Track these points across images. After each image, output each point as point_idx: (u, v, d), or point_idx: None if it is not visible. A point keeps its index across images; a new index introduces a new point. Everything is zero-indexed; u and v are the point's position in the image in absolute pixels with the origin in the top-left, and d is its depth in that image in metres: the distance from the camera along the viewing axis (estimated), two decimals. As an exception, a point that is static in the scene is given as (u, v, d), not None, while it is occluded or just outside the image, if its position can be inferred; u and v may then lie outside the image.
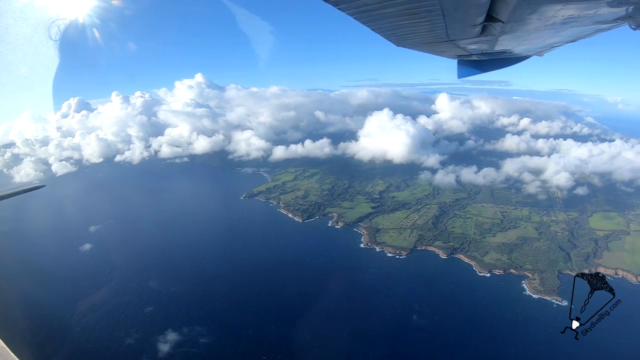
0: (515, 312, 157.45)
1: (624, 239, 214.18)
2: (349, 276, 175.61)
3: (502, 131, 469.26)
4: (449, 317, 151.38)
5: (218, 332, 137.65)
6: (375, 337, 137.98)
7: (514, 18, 12.20)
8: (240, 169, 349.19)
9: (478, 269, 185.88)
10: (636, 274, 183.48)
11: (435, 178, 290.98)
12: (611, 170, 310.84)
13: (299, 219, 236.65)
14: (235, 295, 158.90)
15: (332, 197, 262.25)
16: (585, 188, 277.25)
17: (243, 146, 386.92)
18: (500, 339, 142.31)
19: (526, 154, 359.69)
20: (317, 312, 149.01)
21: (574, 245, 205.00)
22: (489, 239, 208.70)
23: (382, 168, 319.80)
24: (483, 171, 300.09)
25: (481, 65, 22.47)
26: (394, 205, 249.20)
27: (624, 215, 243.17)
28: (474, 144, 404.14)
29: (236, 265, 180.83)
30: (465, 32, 13.49)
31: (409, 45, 15.86)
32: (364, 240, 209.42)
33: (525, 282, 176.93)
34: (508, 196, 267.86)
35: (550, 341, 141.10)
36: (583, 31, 16.21)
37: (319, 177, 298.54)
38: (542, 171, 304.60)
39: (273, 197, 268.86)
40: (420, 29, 12.94)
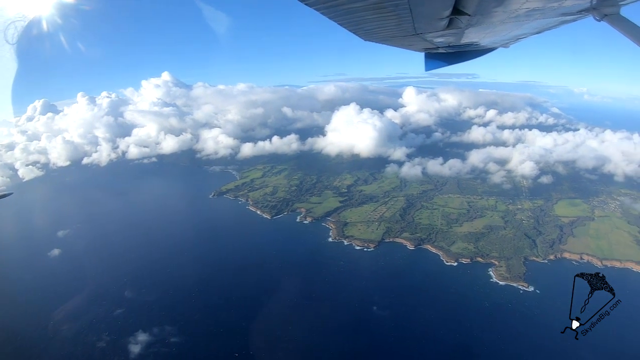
0: (482, 299, 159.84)
1: (588, 225, 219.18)
2: (318, 271, 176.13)
3: (469, 123, 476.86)
4: (417, 307, 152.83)
5: (189, 331, 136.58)
6: (342, 329, 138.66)
7: (480, 11, 12.62)
8: (209, 167, 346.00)
9: (445, 258, 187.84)
10: (601, 258, 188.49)
11: (402, 171, 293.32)
12: (575, 159, 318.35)
13: (268, 216, 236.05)
14: (205, 294, 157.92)
15: (300, 193, 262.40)
16: (549, 176, 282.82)
17: (211, 144, 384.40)
18: (468, 326, 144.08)
19: (492, 144, 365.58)
20: (286, 308, 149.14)
21: (540, 232, 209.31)
22: (455, 229, 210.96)
23: (350, 162, 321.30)
24: (449, 162, 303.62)
25: (448, 58, 22.79)
26: (361, 198, 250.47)
27: (588, 202, 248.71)
28: (441, 136, 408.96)
29: (205, 265, 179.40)
30: (432, 25, 13.85)
31: (376, 39, 16.15)
32: (332, 234, 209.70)
33: (492, 269, 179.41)
34: (474, 186, 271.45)
35: (516, 325, 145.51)
36: (548, 23, 16.94)
37: (287, 173, 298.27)
38: (508, 161, 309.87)
39: (242, 194, 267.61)
40: (387, 23, 13.17)
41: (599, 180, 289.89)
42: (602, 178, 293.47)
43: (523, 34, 19.15)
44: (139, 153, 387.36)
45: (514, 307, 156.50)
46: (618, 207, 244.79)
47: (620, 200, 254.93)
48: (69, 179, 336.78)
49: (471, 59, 23.58)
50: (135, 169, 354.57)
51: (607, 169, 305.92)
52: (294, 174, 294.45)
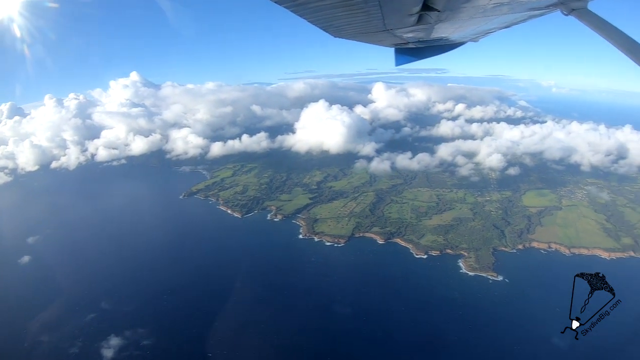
0: (452, 290, 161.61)
1: (556, 214, 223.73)
2: (289, 268, 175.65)
3: (438, 117, 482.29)
4: (387, 301, 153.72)
5: (161, 334, 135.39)
6: (313, 326, 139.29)
7: (449, 7, 12.66)
8: (178, 168, 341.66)
9: (415, 251, 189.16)
10: (569, 246, 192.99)
11: (371, 166, 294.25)
12: (542, 150, 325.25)
13: (238, 215, 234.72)
14: (176, 295, 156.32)
15: (270, 191, 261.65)
16: (517, 168, 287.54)
17: (180, 145, 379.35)
18: (438, 317, 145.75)
19: (460, 138, 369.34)
20: (257, 306, 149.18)
21: (508, 223, 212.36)
22: (425, 222, 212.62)
23: (319, 159, 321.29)
24: (418, 157, 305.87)
25: (417, 53, 22.58)
26: (331, 194, 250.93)
27: (556, 192, 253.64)
28: (410, 131, 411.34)
29: (176, 266, 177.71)
30: (401, 21, 13.84)
31: (346, 35, 16.04)
32: (303, 231, 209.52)
33: (462, 260, 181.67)
34: (443, 179, 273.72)
35: (486, 314, 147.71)
36: (517, 17, 16.98)
37: (257, 172, 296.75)
38: (476, 154, 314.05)
39: (212, 194, 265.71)
40: (357, 19, 13.12)
41: (566, 170, 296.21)
42: (569, 168, 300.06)
43: (492, 28, 19.48)
44: (108, 155, 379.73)
45: (483, 296, 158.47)
46: (585, 196, 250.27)
47: (587, 189, 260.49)
48: (38, 183, 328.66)
49: (441, 53, 23.82)
50: (104, 172, 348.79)
51: (573, 160, 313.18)
52: (264, 172, 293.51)
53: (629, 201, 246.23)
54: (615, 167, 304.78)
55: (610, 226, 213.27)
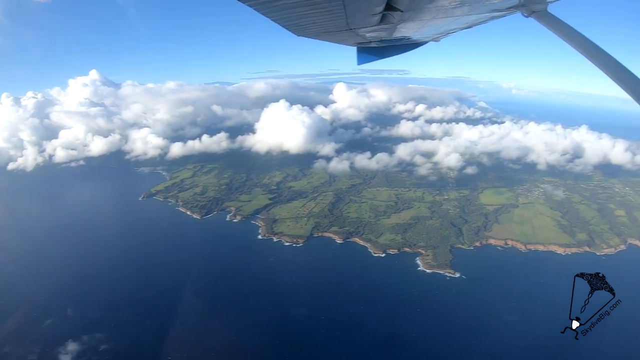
0: (410, 287, 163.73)
1: (513, 212, 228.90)
2: (247, 269, 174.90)
3: (398, 118, 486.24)
4: (345, 299, 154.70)
5: (119, 338, 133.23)
6: (271, 327, 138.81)
7: (412, 7, 12.90)
8: (138, 168, 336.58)
9: (373, 250, 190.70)
10: (525, 242, 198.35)
11: (330, 166, 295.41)
12: (500, 150, 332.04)
13: (198, 216, 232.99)
14: (134, 298, 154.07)
15: (230, 192, 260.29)
16: (474, 167, 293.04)
17: (140, 145, 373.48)
18: (397, 314, 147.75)
19: (420, 138, 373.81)
20: (214, 308, 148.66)
21: (466, 221, 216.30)
22: (383, 221, 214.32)
23: (279, 159, 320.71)
24: (377, 156, 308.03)
25: (379, 52, 22.73)
26: (290, 195, 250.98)
27: (513, 190, 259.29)
28: (370, 131, 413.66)
29: (134, 270, 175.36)
30: (365, 21, 13.91)
31: (309, 34, 16.08)
32: (262, 231, 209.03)
33: (419, 258, 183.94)
34: (402, 179, 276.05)
35: (444, 310, 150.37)
36: (478, 18, 17.23)
37: (217, 172, 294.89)
38: (434, 154, 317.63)
39: (171, 195, 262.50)
40: (320, 18, 13.16)
41: (522, 169, 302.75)
42: (526, 167, 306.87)
43: (453, 28, 19.74)
44: (66, 156, 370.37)
45: (441, 293, 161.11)
46: (541, 194, 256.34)
47: (543, 187, 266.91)
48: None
49: (403, 52, 24.06)
50: (63, 173, 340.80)
51: (530, 159, 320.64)
52: (224, 173, 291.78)
53: (584, 198, 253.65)
54: (571, 166, 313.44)
55: (565, 223, 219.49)
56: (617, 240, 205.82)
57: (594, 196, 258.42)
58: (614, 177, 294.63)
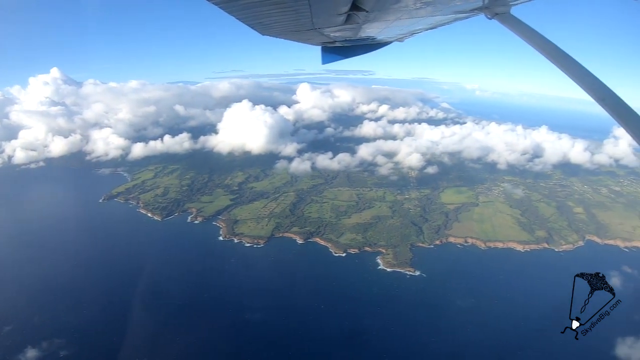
0: (370, 286, 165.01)
1: (473, 210, 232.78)
2: (207, 271, 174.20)
3: (361, 118, 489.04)
4: (305, 299, 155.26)
5: (78, 343, 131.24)
6: (232, 328, 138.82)
7: (377, 7, 12.94)
8: (98, 170, 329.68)
9: (334, 250, 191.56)
10: (485, 240, 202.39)
11: (292, 166, 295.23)
12: (461, 150, 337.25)
13: (158, 218, 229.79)
14: (93, 303, 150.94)
15: (191, 193, 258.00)
16: (435, 167, 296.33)
17: (101, 145, 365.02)
18: (357, 313, 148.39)
19: (382, 138, 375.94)
20: (174, 311, 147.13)
21: (426, 220, 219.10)
22: (344, 221, 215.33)
23: (241, 160, 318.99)
24: (338, 157, 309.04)
25: (344, 52, 22.77)
26: (252, 195, 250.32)
27: (473, 189, 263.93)
28: (333, 132, 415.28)
29: (93, 273, 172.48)
30: (330, 20, 14.06)
31: (274, 33, 16.20)
32: (223, 232, 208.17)
33: (380, 257, 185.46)
34: (363, 179, 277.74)
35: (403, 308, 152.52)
36: (442, 19, 17.54)
37: (179, 173, 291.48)
38: (396, 154, 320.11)
39: (132, 197, 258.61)
40: (286, 17, 13.20)
41: (483, 168, 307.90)
42: (486, 167, 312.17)
43: (418, 29, 19.93)
44: (26, 157, 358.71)
45: (401, 291, 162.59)
46: (501, 193, 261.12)
47: (503, 186, 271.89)
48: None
49: (367, 52, 24.02)
50: (21, 175, 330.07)
51: (490, 158, 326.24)
52: (185, 174, 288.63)
53: (543, 196, 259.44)
54: (531, 165, 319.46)
55: (524, 220, 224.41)
56: (576, 237, 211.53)
57: (553, 194, 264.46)
58: (573, 176, 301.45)
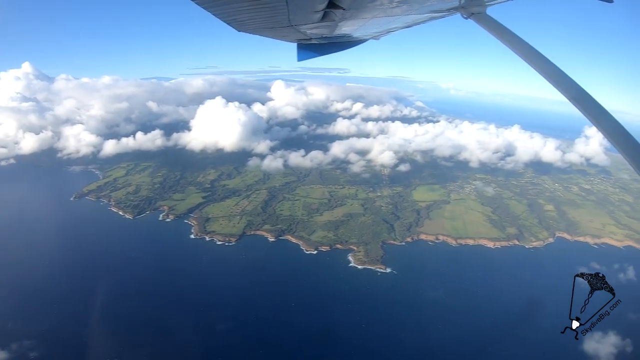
0: (341, 283, 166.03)
1: (444, 208, 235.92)
2: (178, 269, 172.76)
3: (335, 116, 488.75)
4: (276, 297, 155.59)
5: (49, 344, 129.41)
6: (204, 325, 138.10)
7: (354, 5, 13.03)
8: (69, 167, 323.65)
9: (305, 247, 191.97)
10: (456, 237, 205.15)
11: (264, 164, 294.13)
12: (434, 148, 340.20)
13: (130, 216, 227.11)
14: (62, 303, 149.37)
15: (163, 190, 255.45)
16: (408, 165, 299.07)
17: (73, 142, 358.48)
18: (328, 310, 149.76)
19: (355, 136, 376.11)
20: (146, 311, 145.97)
21: (398, 217, 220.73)
22: (316, 218, 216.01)
23: (214, 157, 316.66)
24: (311, 154, 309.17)
25: (320, 49, 22.84)
26: (224, 193, 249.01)
27: (445, 187, 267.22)
28: (307, 129, 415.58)
29: (63, 274, 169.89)
30: (306, 17, 14.08)
31: (250, 30, 15.93)
32: (194, 230, 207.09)
33: (351, 255, 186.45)
34: (336, 176, 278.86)
35: (374, 304, 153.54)
36: (418, 18, 17.60)
37: (151, 171, 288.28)
38: (369, 151, 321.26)
39: (104, 195, 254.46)
40: (262, 14, 13.20)
41: (455, 167, 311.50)
42: (458, 165, 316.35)
43: (394, 27, 20.11)
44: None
45: (372, 288, 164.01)
46: (473, 191, 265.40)
47: (475, 184, 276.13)
48: None
49: (343, 49, 24.19)
50: None
51: (463, 157, 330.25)
52: (158, 171, 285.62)
53: (514, 194, 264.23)
54: (502, 164, 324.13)
55: (495, 218, 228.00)
56: (546, 234, 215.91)
57: (524, 192, 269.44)
58: (544, 174, 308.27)
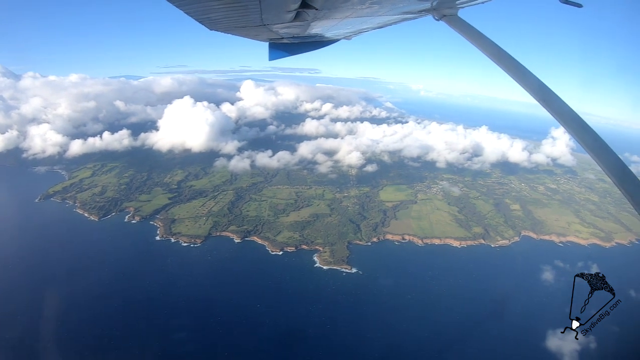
0: (306, 284, 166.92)
1: (411, 208, 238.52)
2: (142, 272, 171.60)
3: (304, 116, 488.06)
4: (241, 298, 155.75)
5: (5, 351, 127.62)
6: (167, 327, 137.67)
7: (327, 5, 13.06)
8: (35, 168, 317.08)
9: (271, 248, 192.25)
10: (422, 237, 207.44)
11: (231, 164, 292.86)
12: (401, 148, 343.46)
13: (95, 218, 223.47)
14: (24, 307, 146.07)
15: (129, 191, 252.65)
16: (375, 165, 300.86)
17: (39, 142, 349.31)
18: (293, 311, 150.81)
19: (324, 136, 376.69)
20: (107, 313, 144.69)
21: (364, 217, 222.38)
22: (282, 219, 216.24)
23: (182, 157, 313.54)
24: (278, 155, 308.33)
25: (291, 48, 23.25)
26: (191, 194, 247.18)
27: (412, 187, 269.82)
28: (275, 129, 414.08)
29: (25, 277, 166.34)
30: (279, 17, 14.21)
31: (222, 29, 16.03)
32: (160, 232, 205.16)
33: (317, 255, 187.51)
34: (303, 177, 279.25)
35: (340, 304, 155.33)
36: (390, 19, 17.92)
37: (118, 171, 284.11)
38: (336, 152, 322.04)
39: (70, 196, 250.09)
40: (235, 13, 13.25)
41: (422, 167, 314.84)
42: (426, 165, 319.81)
43: (366, 27, 20.35)
44: None
45: (337, 288, 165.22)
46: (439, 191, 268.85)
47: (441, 184, 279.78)
48: None
49: (314, 49, 24.56)
50: None
51: (430, 157, 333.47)
52: (124, 172, 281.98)
53: (481, 194, 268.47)
54: (469, 164, 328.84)
55: (462, 217, 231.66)
56: (512, 233, 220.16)
57: (491, 192, 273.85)
58: (511, 174, 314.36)
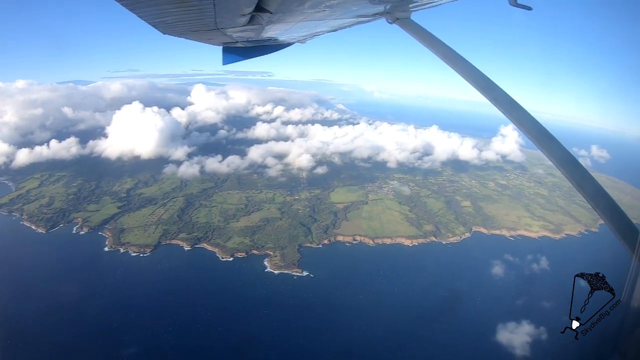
0: (257, 289, 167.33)
1: (362, 209, 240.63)
2: (91, 284, 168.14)
3: (255, 120, 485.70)
4: (191, 307, 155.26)
5: None
6: (115, 341, 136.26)
7: (281, 9, 13.03)
8: None
9: (221, 254, 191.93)
10: (373, 237, 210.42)
11: (180, 170, 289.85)
12: (352, 149, 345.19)
13: (43, 230, 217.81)
14: None
15: (78, 202, 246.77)
16: (325, 167, 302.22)
17: None
18: (244, 317, 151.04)
19: (275, 140, 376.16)
20: (55, 328, 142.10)
21: (315, 220, 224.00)
22: (232, 225, 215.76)
23: (131, 165, 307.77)
24: (228, 159, 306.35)
25: (245, 52, 23.05)
26: (140, 202, 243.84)
27: (364, 188, 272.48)
28: (226, 134, 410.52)
29: None
30: (233, 21, 14.00)
31: (175, 33, 15.89)
32: (109, 242, 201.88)
33: (267, 260, 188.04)
34: (254, 181, 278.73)
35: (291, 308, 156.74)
36: (344, 22, 18.12)
37: (66, 181, 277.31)
38: (287, 155, 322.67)
39: (16, 208, 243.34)
40: (188, 16, 13.08)
41: (373, 167, 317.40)
42: (377, 165, 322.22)
43: (320, 31, 20.59)
44: None
45: (289, 292, 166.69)
46: (390, 191, 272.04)
47: (392, 184, 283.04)
48: None
49: (268, 53, 24.55)
50: None
51: (381, 157, 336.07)
52: (72, 182, 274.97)
53: (432, 192, 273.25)
54: (420, 163, 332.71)
55: (413, 216, 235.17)
56: (463, 229, 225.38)
57: (442, 190, 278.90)
58: (462, 172, 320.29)
